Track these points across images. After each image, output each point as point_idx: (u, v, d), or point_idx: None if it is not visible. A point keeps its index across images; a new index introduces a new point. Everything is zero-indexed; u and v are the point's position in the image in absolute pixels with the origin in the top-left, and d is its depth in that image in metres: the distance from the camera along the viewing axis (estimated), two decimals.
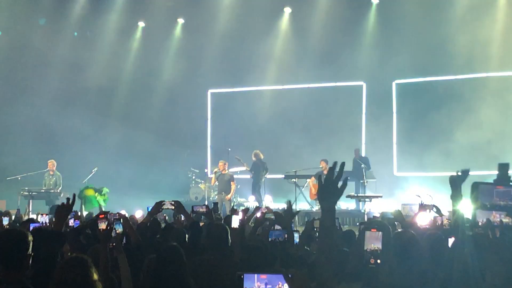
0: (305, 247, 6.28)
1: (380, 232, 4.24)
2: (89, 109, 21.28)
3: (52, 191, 17.27)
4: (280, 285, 3.12)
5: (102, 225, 6.12)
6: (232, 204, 16.72)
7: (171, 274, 4.53)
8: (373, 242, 4.19)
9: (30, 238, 4.18)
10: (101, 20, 21.64)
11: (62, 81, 21.13)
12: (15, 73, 20.68)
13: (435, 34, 19.26)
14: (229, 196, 17.29)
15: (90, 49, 21.66)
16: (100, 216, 6.44)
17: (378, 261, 4.16)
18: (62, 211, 4.84)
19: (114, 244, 5.21)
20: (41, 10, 20.96)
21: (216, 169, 18.27)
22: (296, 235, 6.92)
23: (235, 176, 18.28)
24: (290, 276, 2.76)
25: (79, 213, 11.08)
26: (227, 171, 17.74)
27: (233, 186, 17.53)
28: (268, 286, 3.18)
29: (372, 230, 4.27)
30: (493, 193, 2.57)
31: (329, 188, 2.98)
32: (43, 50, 20.80)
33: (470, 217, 9.11)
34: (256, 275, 3.22)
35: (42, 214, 9.32)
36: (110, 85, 21.85)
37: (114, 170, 19.71)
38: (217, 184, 18.03)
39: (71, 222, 8.70)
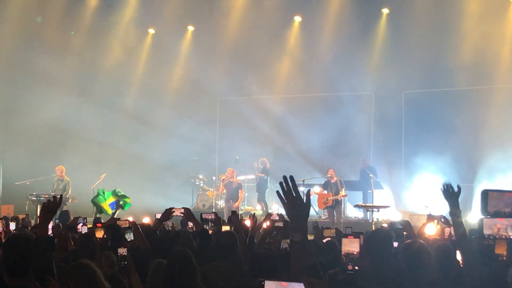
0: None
1: (358, 239, 4.23)
2: (99, 116, 21.34)
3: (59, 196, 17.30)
4: None
5: (99, 233, 6.12)
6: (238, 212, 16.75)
7: (182, 278, 4.53)
8: (350, 248, 4.18)
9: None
10: (111, 26, 21.70)
11: (71, 87, 21.19)
12: (24, 78, 20.73)
13: (445, 45, 19.24)
14: (237, 204, 17.31)
15: (100, 56, 21.72)
16: (98, 225, 6.46)
17: (356, 267, 4.16)
18: (46, 212, 4.68)
19: (126, 262, 5.21)
20: (50, 13, 21.01)
21: (224, 177, 18.31)
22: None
23: (243, 184, 18.33)
24: (309, 284, 2.75)
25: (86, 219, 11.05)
26: (235, 179, 17.77)
27: (241, 194, 17.57)
28: None
29: (349, 237, 4.26)
30: (501, 200, 2.55)
31: (294, 203, 2.95)
32: (52, 57, 20.89)
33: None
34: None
35: None
36: (119, 92, 21.92)
37: (122, 176, 19.74)
38: (225, 192, 18.07)
39: (79, 226, 8.73)
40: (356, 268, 4.21)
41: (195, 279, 4.61)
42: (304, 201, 3.07)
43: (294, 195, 2.95)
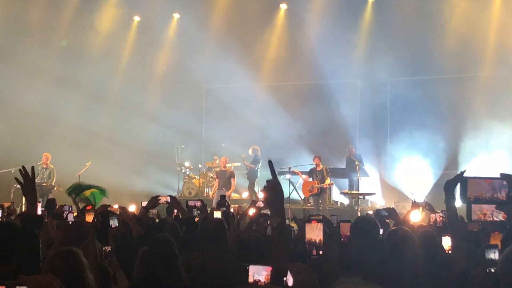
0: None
1: (321, 223, 4.24)
2: (83, 103, 21.22)
3: (44, 184, 17.25)
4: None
5: (89, 217, 6.03)
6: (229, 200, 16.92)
7: (163, 265, 4.52)
8: (314, 233, 4.18)
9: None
10: (96, 14, 21.58)
11: (56, 74, 21.03)
12: (7, 66, 20.52)
13: (430, 33, 19.32)
14: (229, 192, 17.35)
15: (86, 43, 21.59)
16: (87, 208, 6.39)
17: (320, 252, 4.18)
18: (28, 188, 4.63)
19: (108, 261, 5.17)
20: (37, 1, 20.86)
21: (218, 169, 18.38)
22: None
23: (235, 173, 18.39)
24: (295, 269, 2.77)
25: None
26: (227, 168, 17.81)
27: (233, 183, 17.60)
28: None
29: (312, 222, 4.26)
30: (481, 187, 2.58)
31: (272, 188, 2.95)
32: (37, 42, 20.76)
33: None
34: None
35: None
36: (104, 79, 21.78)
37: (107, 163, 19.66)
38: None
39: (65, 214, 8.69)
40: (320, 253, 4.23)
41: (177, 266, 4.59)
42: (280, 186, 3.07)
43: (272, 179, 2.95)
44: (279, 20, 21.67)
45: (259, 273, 3.07)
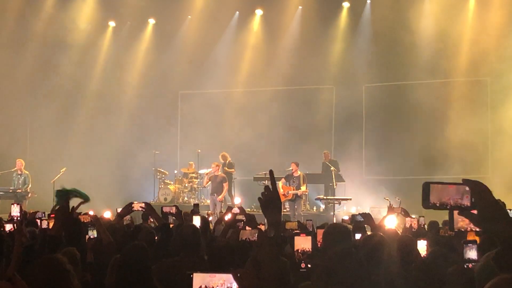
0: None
1: (310, 237, 4.24)
2: (58, 108, 21.02)
3: (19, 190, 17.05)
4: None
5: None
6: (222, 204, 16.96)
7: (135, 274, 4.47)
8: (303, 246, 4.18)
9: None
10: (71, 19, 21.39)
11: (31, 79, 20.85)
12: None
13: (405, 39, 19.43)
14: (220, 197, 17.33)
15: (60, 48, 21.38)
16: (52, 216, 6.34)
17: (309, 265, 4.18)
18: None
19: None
20: (11, 6, 20.63)
21: (209, 171, 18.37)
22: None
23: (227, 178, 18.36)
24: (238, 275, 2.74)
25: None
26: (219, 173, 17.78)
27: (225, 187, 17.59)
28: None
29: (301, 235, 4.26)
30: (444, 193, 2.57)
31: (271, 198, 2.92)
32: (11, 47, 20.55)
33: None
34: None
35: (13, 204, 8.96)
36: (79, 85, 21.64)
37: (82, 170, 19.50)
38: (208, 185, 18.14)
39: (39, 221, 8.56)
40: (309, 266, 4.23)
41: (149, 275, 4.54)
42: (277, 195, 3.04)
43: (272, 190, 2.92)
44: (254, 26, 21.68)
45: (229, 280, 3.06)
